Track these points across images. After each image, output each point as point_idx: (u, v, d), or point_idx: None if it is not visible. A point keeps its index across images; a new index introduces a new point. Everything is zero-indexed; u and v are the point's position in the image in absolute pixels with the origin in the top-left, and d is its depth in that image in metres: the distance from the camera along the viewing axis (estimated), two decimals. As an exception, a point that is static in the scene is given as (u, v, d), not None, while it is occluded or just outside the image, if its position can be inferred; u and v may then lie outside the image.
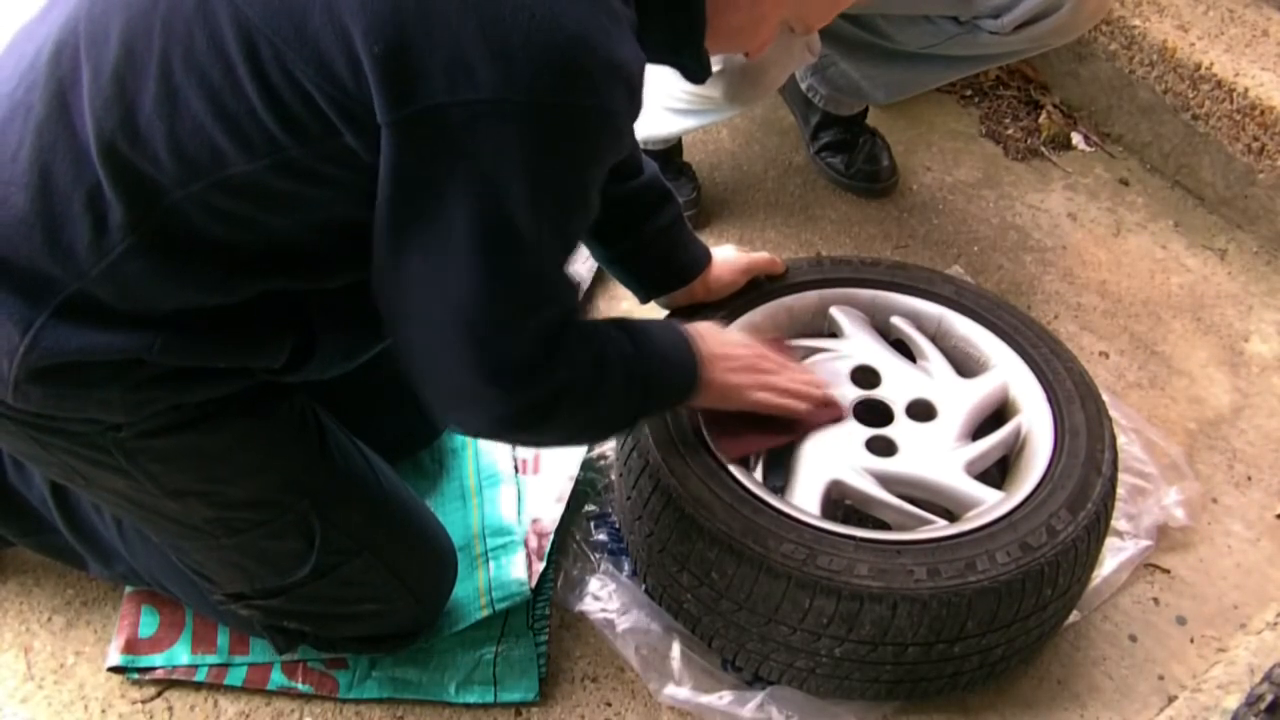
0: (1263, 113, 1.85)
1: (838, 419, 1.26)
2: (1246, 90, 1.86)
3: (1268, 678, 1.14)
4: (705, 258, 1.34)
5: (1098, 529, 1.17)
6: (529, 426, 0.98)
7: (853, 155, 1.89)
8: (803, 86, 1.86)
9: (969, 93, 2.17)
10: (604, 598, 1.30)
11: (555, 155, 0.83)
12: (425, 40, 0.77)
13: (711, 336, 1.17)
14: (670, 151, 1.80)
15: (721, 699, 1.20)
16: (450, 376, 0.93)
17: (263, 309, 0.94)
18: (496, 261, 0.86)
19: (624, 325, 1.07)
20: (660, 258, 1.32)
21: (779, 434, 1.23)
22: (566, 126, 0.82)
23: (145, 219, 0.85)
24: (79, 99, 0.84)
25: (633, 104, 0.85)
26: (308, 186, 0.86)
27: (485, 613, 1.25)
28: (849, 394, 1.31)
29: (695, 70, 0.99)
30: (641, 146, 1.27)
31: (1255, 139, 1.87)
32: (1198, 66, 1.91)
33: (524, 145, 0.80)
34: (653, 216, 1.27)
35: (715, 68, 1.45)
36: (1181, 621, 1.34)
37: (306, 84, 0.79)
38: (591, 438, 1.17)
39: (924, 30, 1.59)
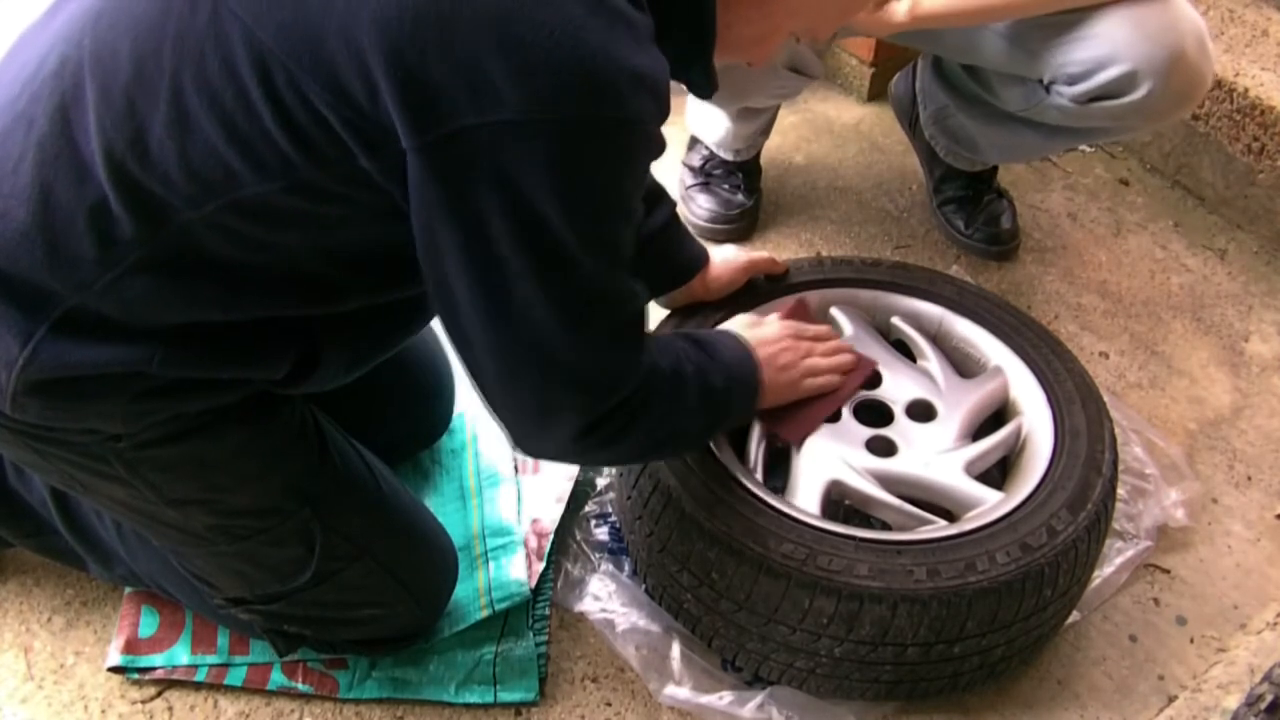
0: (1263, 113, 1.85)
1: (873, 371, 1.32)
2: (1246, 90, 1.86)
3: (1268, 678, 1.14)
4: (703, 257, 1.34)
5: (1098, 530, 1.17)
6: (609, 441, 0.97)
7: (973, 214, 1.83)
8: (926, 134, 1.82)
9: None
10: (604, 598, 1.30)
11: (587, 169, 0.82)
12: (446, 64, 0.75)
13: (750, 334, 1.20)
14: None
15: (721, 699, 1.20)
16: (525, 398, 0.93)
17: (266, 324, 0.93)
18: (550, 277, 0.85)
19: (692, 337, 1.09)
20: (657, 258, 1.31)
21: (828, 404, 1.27)
22: (595, 140, 0.80)
23: (154, 236, 0.84)
24: (83, 115, 0.83)
25: (660, 110, 0.84)
26: (321, 206, 0.85)
27: (485, 613, 1.26)
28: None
29: (703, 85, 0.98)
30: None
31: (1255, 139, 1.87)
32: (1198, 66, 1.91)
33: (555, 162, 0.79)
34: (648, 217, 1.27)
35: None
36: (1181, 621, 1.34)
37: (321, 107, 0.78)
38: (666, 454, 1.16)
39: (1019, 92, 1.54)
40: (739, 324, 1.27)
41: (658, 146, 0.87)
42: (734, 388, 1.12)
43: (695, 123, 1.83)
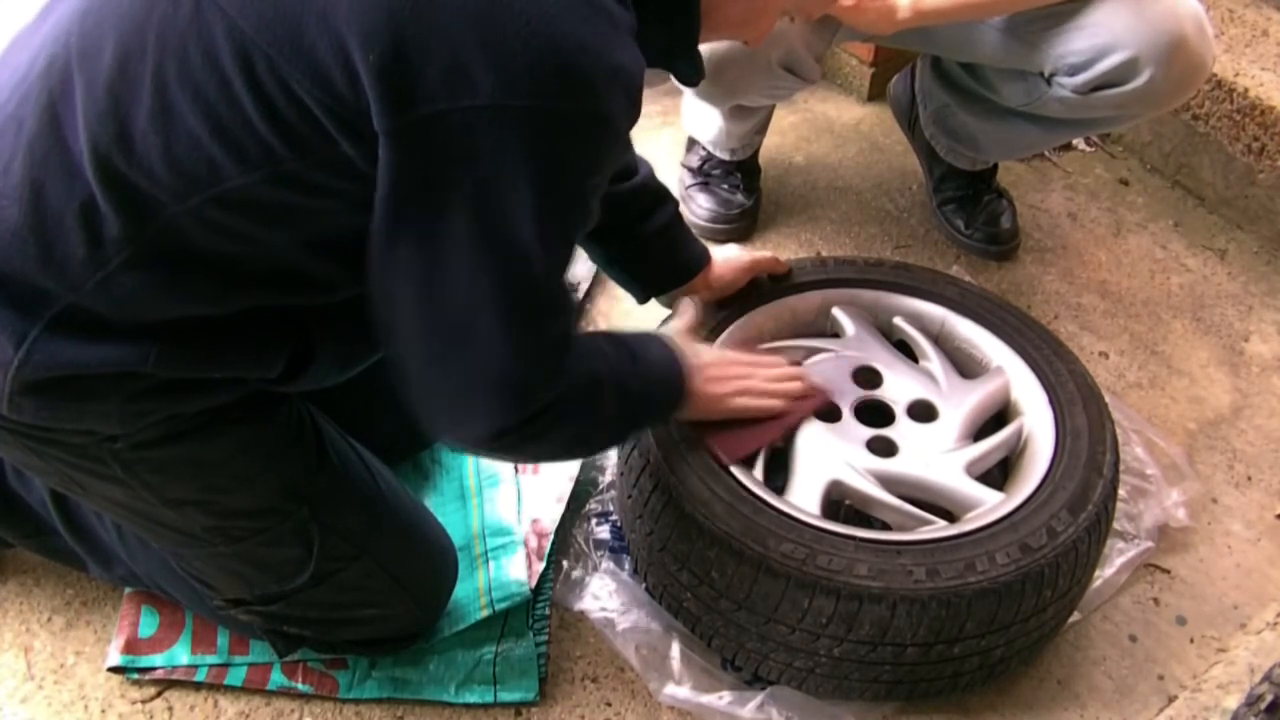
0: (1263, 113, 1.85)
1: (825, 405, 1.27)
2: (1246, 90, 1.86)
3: (1268, 678, 1.14)
4: (704, 256, 1.34)
5: (1098, 531, 1.17)
6: (524, 442, 0.97)
7: (973, 214, 1.83)
8: (926, 134, 1.82)
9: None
10: (604, 597, 1.30)
11: (555, 161, 0.82)
12: (422, 48, 0.76)
13: (689, 349, 1.18)
14: None
15: (721, 699, 1.20)
16: (448, 391, 0.92)
17: (259, 320, 0.94)
18: (498, 270, 0.85)
19: (616, 339, 1.08)
20: (658, 257, 1.32)
21: (772, 429, 1.23)
22: (565, 132, 0.81)
23: (141, 233, 0.84)
24: (71, 113, 0.84)
25: (632, 109, 0.85)
26: (305, 198, 0.86)
27: (485, 613, 1.25)
28: (850, 394, 1.31)
29: (689, 73, 0.99)
30: None
31: (1255, 139, 1.88)
32: (1198, 66, 1.91)
33: (523, 151, 0.80)
34: (649, 216, 1.27)
35: None
36: (1181, 621, 1.34)
37: (303, 95, 0.79)
38: (582, 453, 1.18)
39: (1020, 86, 1.54)
40: (676, 332, 1.26)
41: (623, 148, 0.88)
42: (653, 393, 1.10)
43: (690, 122, 1.83)
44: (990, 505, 1.18)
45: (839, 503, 1.23)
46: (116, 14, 0.83)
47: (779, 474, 1.26)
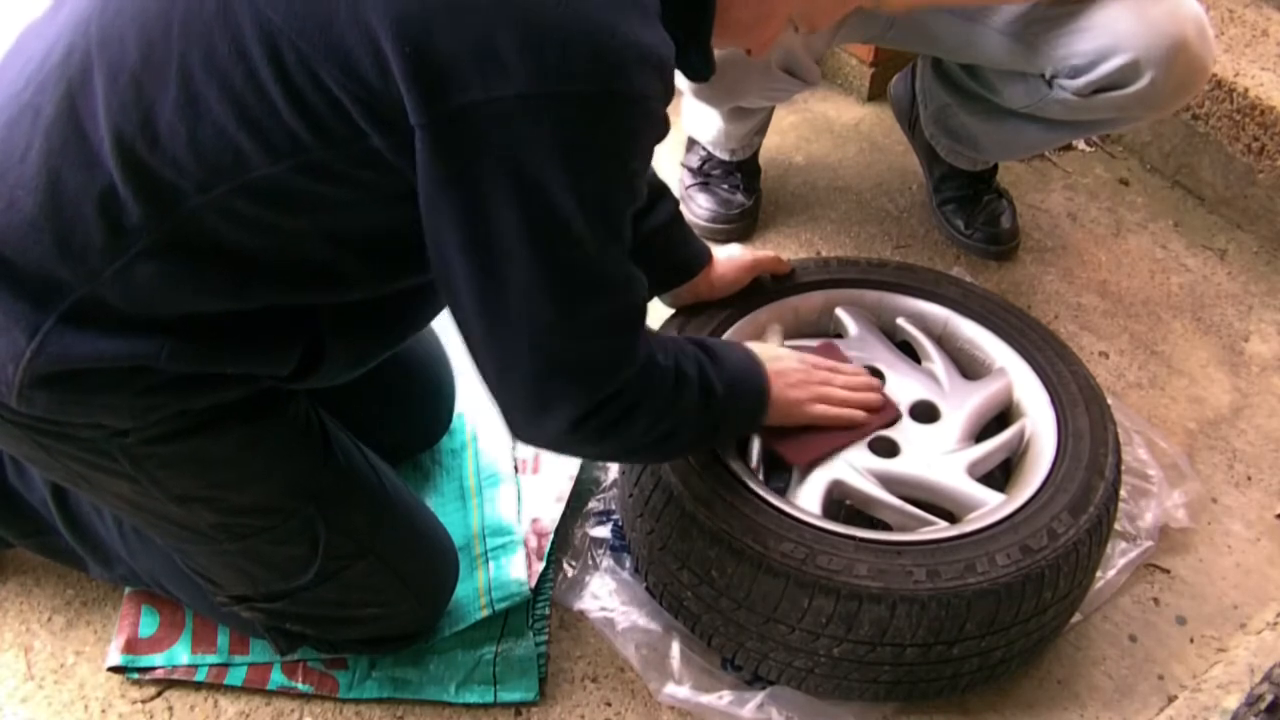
0: (1263, 113, 1.85)
1: (895, 419, 1.27)
2: (1246, 90, 1.86)
3: (1268, 678, 1.14)
4: (705, 254, 1.34)
5: (1099, 532, 1.17)
6: (602, 434, 0.96)
7: (973, 214, 1.83)
8: (926, 134, 1.82)
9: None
10: (604, 596, 1.30)
11: (593, 144, 0.82)
12: (455, 37, 0.76)
13: (765, 353, 1.18)
14: None
15: (721, 699, 1.20)
16: (522, 383, 0.92)
17: (273, 318, 0.93)
18: (551, 258, 0.84)
19: (700, 342, 1.08)
20: (658, 255, 1.31)
21: (839, 435, 1.23)
22: (601, 115, 0.81)
23: (163, 223, 0.84)
24: (91, 102, 0.83)
25: (666, 89, 0.84)
26: (330, 188, 0.85)
27: (485, 613, 1.25)
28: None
29: (700, 68, 0.98)
30: None
31: (1255, 139, 1.88)
32: (1198, 66, 1.91)
33: (561, 136, 0.79)
34: (649, 213, 1.27)
35: None
36: (1181, 621, 1.34)
37: (332, 86, 0.78)
38: (663, 454, 1.13)
39: (1021, 88, 1.54)
40: (753, 344, 1.26)
41: (663, 126, 0.87)
42: (738, 393, 1.10)
43: (690, 122, 1.83)
44: (991, 506, 1.18)
45: (840, 503, 1.23)
46: (138, 3, 0.83)
47: (780, 474, 1.26)
